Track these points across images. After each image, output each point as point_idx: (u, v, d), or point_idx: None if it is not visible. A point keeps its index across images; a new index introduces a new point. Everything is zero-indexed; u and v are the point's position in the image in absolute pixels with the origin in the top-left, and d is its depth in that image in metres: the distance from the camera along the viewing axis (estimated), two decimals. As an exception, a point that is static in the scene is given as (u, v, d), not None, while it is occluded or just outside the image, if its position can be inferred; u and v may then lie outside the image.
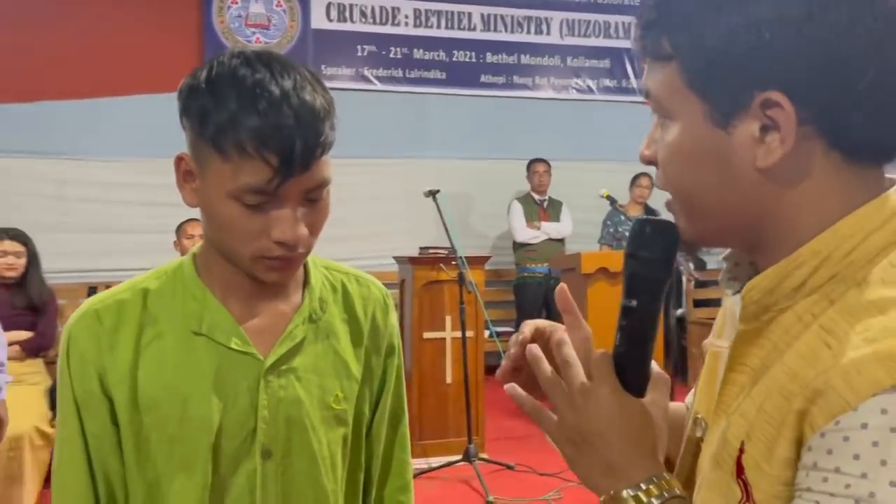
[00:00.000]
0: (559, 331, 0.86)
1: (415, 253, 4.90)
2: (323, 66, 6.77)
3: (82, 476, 1.04)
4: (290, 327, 1.09)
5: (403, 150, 7.09)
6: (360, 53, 7.01)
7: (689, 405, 0.95)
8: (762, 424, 0.69)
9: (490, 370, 3.33)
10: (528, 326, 0.89)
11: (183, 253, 4.60)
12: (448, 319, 4.67)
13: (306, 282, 1.13)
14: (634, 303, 0.79)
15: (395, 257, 5.07)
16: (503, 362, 0.89)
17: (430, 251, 4.82)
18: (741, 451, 0.71)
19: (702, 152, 0.74)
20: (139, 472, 1.04)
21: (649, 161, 0.81)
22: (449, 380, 4.68)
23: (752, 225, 0.74)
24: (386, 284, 1.27)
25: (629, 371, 0.79)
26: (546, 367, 0.81)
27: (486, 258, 5.06)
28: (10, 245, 3.90)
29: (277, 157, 0.92)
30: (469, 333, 4.48)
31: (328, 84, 1.02)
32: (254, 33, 6.67)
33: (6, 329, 3.03)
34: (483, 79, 7.38)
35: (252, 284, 1.06)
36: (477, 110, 7.26)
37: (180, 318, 1.06)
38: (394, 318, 1.22)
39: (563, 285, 0.84)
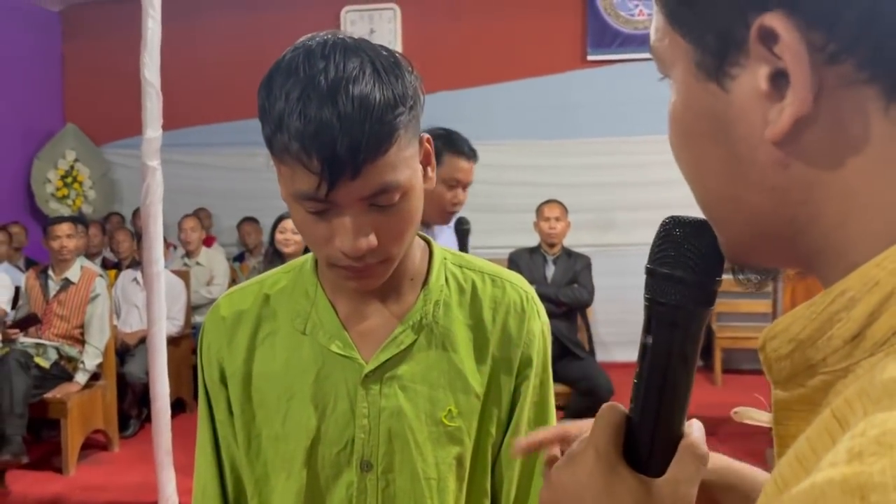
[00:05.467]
0: None
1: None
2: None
3: (209, 459, 1.06)
4: (395, 332, 0.99)
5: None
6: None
7: None
8: None
9: None
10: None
11: (541, 234, 4.66)
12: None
13: (426, 282, 1.02)
14: (651, 340, 0.56)
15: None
16: None
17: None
18: None
19: (695, 120, 0.48)
20: (249, 466, 1.04)
21: None
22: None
23: (786, 232, 0.47)
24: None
25: (641, 435, 0.56)
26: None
27: None
28: (291, 223, 4.01)
29: (319, 163, 0.82)
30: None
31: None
32: (636, 6, 6.46)
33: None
34: None
35: None
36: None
37: (291, 316, 1.03)
38: (536, 325, 1.04)
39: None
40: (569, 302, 4.46)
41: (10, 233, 6.03)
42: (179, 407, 5.12)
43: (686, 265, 0.54)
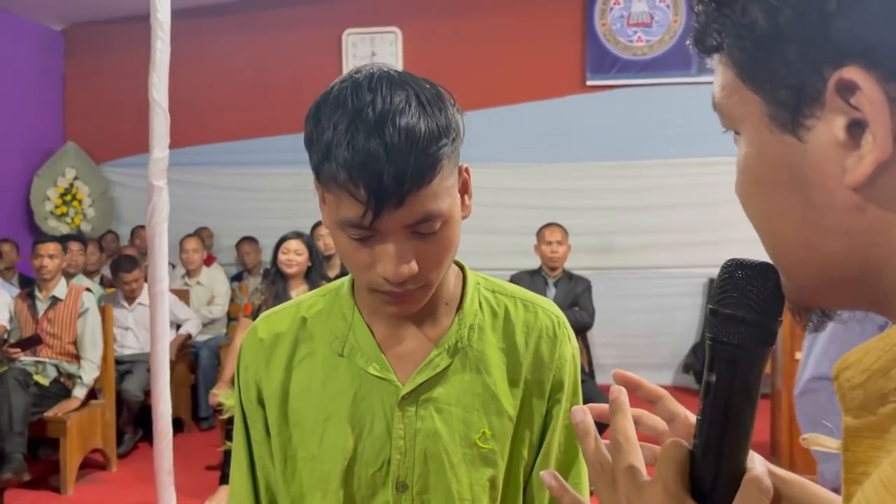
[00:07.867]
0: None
1: None
2: (709, 61, 6.39)
3: (245, 479, 1.08)
4: (431, 355, 1.01)
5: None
6: (751, 43, 6.47)
7: None
8: None
9: None
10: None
11: (542, 258, 4.69)
12: None
13: (460, 306, 1.05)
14: (714, 378, 0.58)
15: None
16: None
17: None
18: None
19: (770, 170, 0.51)
20: (285, 486, 1.05)
21: None
22: None
23: (860, 274, 0.49)
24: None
25: (706, 470, 0.58)
26: (592, 444, 0.64)
27: None
28: (294, 244, 4.11)
29: (366, 192, 0.85)
30: None
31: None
32: (635, 32, 6.54)
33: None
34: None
35: None
36: None
37: (329, 338, 1.05)
38: (567, 349, 1.07)
39: (615, 371, 0.69)
40: (570, 325, 4.48)
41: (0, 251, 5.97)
42: (177, 427, 5.10)
43: (748, 306, 0.56)
